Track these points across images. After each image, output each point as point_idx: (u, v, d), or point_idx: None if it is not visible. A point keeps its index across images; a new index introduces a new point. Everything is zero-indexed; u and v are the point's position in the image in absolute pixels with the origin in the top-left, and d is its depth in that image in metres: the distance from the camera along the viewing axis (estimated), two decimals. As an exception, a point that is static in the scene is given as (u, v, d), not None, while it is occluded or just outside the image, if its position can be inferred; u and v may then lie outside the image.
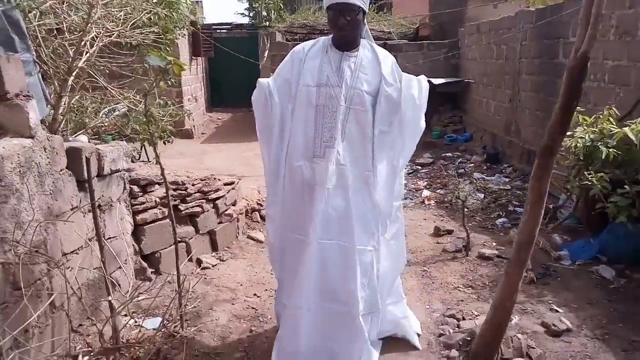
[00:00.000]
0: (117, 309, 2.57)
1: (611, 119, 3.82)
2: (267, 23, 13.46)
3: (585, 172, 3.63)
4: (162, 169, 2.72)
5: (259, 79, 2.55)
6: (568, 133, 3.95)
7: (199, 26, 10.55)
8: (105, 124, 4.60)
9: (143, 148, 5.79)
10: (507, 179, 6.42)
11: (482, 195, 5.83)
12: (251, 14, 16.36)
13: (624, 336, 2.87)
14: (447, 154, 8.15)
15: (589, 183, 3.51)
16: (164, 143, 5.47)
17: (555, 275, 3.67)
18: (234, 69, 13.46)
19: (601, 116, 3.90)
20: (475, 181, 6.30)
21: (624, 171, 3.68)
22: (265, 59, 11.76)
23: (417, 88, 2.52)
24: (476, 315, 3.10)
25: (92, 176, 2.97)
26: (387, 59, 2.52)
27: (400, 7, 17.36)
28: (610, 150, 3.52)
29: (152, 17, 3.76)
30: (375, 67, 2.47)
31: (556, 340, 2.85)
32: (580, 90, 2.18)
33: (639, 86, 4.53)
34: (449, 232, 4.56)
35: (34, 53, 3.14)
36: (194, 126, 10.44)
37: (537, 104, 6.61)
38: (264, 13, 14.08)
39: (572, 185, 3.90)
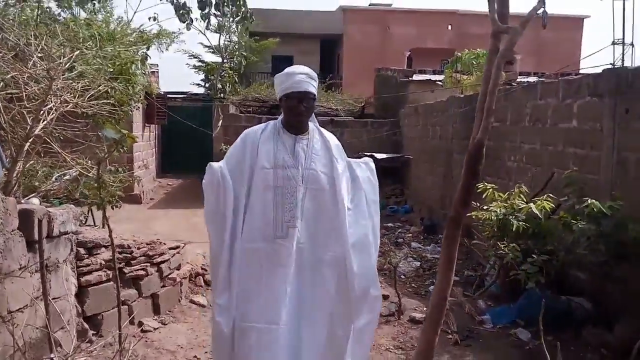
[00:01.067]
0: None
1: (522, 195, 4.32)
2: (222, 95, 13.98)
3: (499, 243, 4.06)
4: (110, 231, 2.91)
5: (210, 163, 2.55)
6: (484, 207, 4.43)
7: (153, 95, 10.89)
8: (54, 188, 4.73)
9: (90, 212, 5.88)
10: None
11: (418, 264, 6.20)
12: (207, 85, 16.91)
13: (533, 392, 3.17)
14: (389, 224, 8.58)
15: (503, 252, 3.93)
16: (112, 208, 5.60)
17: (477, 338, 3.99)
18: (186, 136, 13.75)
19: (513, 193, 4.39)
20: (411, 250, 6.69)
21: (535, 242, 4.13)
22: (218, 129, 12.16)
23: (368, 170, 2.72)
24: (403, 375, 3.33)
25: (42, 237, 3.11)
26: (334, 141, 2.67)
27: (348, 86, 18.51)
28: (521, 223, 3.98)
29: (109, 90, 4.04)
30: (325, 148, 2.60)
31: (474, 396, 3.11)
32: (478, 172, 2.58)
33: (550, 167, 5.13)
34: (385, 297, 4.82)
35: (-7, 119, 3.35)
36: (143, 191, 10.52)
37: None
38: (219, 85, 14.65)
39: (489, 254, 4.32)
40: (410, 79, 12.44)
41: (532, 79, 11.24)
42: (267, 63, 19.87)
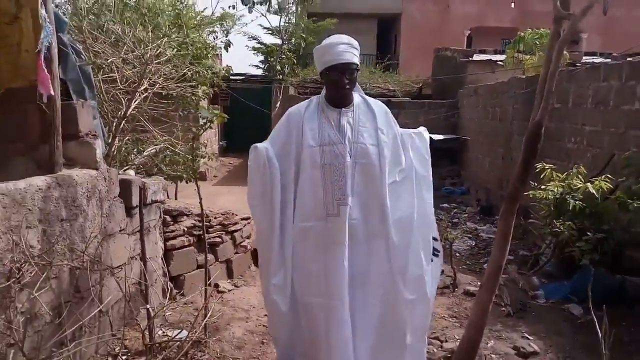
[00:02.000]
0: (154, 315, 3.10)
1: (580, 176, 4.41)
2: (281, 76, 14.37)
3: (554, 221, 4.20)
4: (200, 199, 3.31)
5: (255, 144, 2.51)
6: (542, 187, 4.56)
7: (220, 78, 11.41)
8: (138, 163, 5.25)
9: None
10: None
11: (473, 243, 6.38)
12: (265, 67, 17.36)
13: (582, 360, 3.36)
14: (444, 205, 8.73)
15: (559, 230, 4.07)
16: (186, 182, 6.11)
17: (530, 311, 4.17)
18: (246, 117, 14.23)
19: (571, 173, 4.49)
20: (467, 229, 6.85)
21: (592, 222, 4.23)
22: (277, 109, 12.58)
23: (421, 143, 2.66)
24: (457, 339, 3.57)
25: (142, 204, 3.57)
26: (381, 109, 2.59)
27: (405, 67, 18.44)
28: (577, 202, 4.10)
29: (192, 73, 4.44)
30: (371, 118, 2.53)
31: (524, 361, 3.34)
32: (536, 150, 2.76)
33: (611, 149, 5.15)
34: (441, 271, 5.06)
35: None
36: (207, 169, 11.11)
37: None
38: (278, 67, 15.04)
39: (545, 232, 4.45)
40: (470, 59, 12.33)
41: (597, 59, 10.91)
42: (324, 44, 20.00)
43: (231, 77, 15.18)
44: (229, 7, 8.16)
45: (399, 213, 2.49)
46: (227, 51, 6.63)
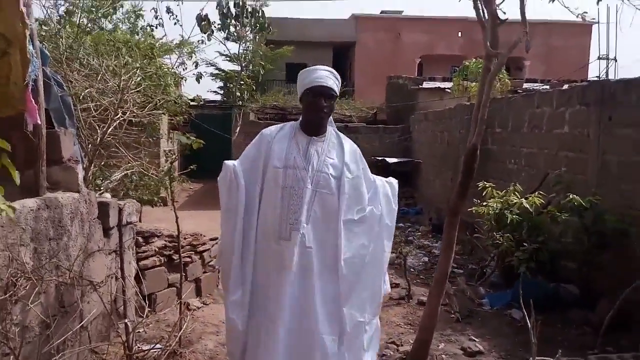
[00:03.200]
0: (134, 328, 3.33)
1: (516, 193, 4.93)
2: (240, 102, 14.71)
3: (495, 233, 4.68)
4: (177, 217, 3.58)
5: (225, 161, 2.60)
6: (483, 203, 5.05)
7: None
8: (109, 187, 5.45)
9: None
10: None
11: (426, 259, 6.83)
12: (224, 93, 17.68)
13: (521, 357, 3.77)
14: (400, 224, 9.20)
15: (499, 242, 4.55)
16: (152, 206, 6.33)
17: (476, 317, 4.59)
18: (207, 143, 14.41)
19: (509, 190, 5.01)
20: (420, 246, 7.32)
21: (528, 234, 4.74)
22: (237, 134, 12.87)
23: (391, 190, 2.70)
24: (412, 343, 3.95)
25: (115, 225, 3.80)
26: (351, 147, 2.65)
27: (360, 93, 19.16)
28: (514, 216, 4.60)
29: (163, 102, 4.74)
30: (340, 153, 2.57)
31: (471, 359, 3.73)
32: (473, 170, 3.20)
33: (546, 168, 5.72)
34: (396, 284, 5.44)
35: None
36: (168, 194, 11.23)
37: (472, 184, 7.83)
38: (238, 93, 15.38)
39: (488, 244, 4.94)
40: (420, 86, 13.07)
41: (538, 86, 11.82)
42: (281, 71, 20.58)
43: (192, 103, 15.44)
44: (198, 41, 8.49)
45: (352, 252, 2.49)
46: (199, 82, 6.92)
